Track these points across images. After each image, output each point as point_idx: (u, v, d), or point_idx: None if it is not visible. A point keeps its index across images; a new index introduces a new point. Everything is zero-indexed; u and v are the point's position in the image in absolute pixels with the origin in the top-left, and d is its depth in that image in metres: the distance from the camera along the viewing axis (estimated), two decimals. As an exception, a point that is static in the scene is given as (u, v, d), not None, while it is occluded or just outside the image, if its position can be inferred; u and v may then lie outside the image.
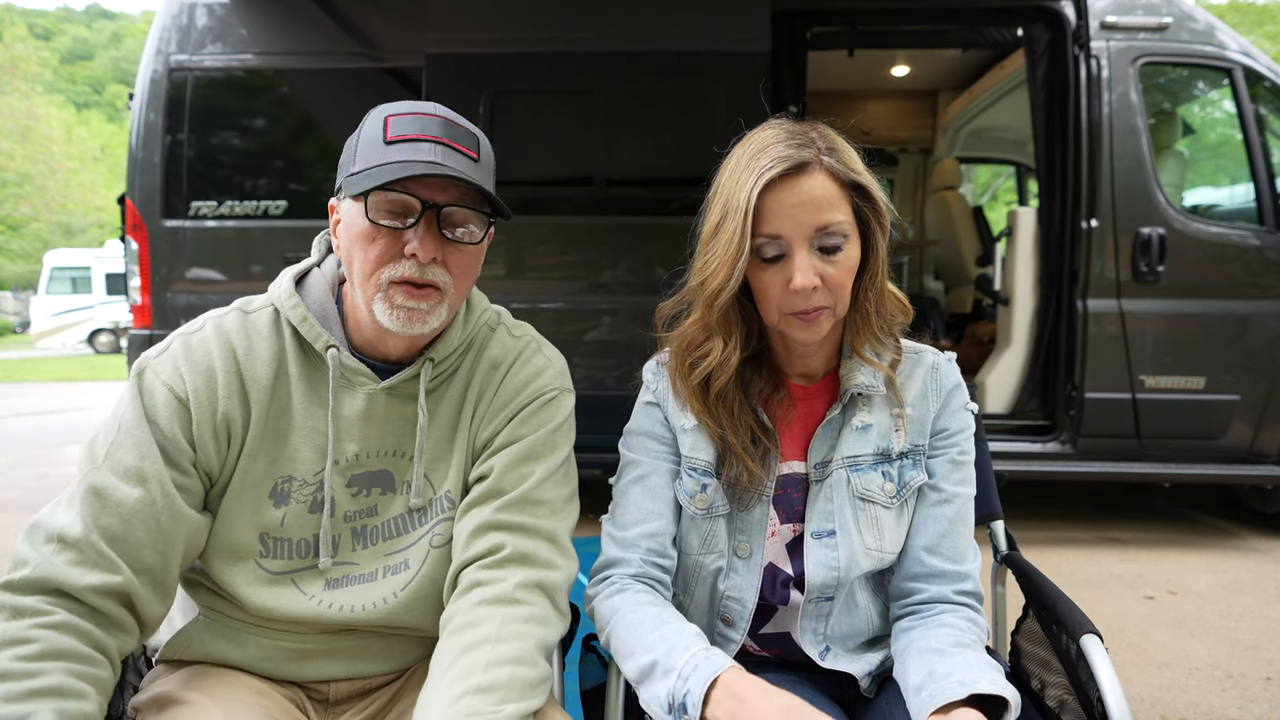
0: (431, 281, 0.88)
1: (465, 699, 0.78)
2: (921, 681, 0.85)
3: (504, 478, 0.93)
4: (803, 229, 0.88)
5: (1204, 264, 3.22)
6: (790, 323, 0.93)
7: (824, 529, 0.98)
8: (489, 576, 0.88)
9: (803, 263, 0.89)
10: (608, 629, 0.94)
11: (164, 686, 0.88)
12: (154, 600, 0.84)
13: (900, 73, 5.17)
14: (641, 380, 1.08)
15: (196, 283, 3.38)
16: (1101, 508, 4.03)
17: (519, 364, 1.00)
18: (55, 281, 18.24)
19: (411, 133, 0.86)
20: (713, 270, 0.92)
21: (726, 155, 0.96)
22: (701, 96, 3.29)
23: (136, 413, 0.85)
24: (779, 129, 0.93)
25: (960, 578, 0.98)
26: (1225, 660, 2.26)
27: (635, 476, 1.03)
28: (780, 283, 0.90)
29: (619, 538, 1.00)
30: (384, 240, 0.87)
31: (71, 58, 45.49)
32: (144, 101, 3.40)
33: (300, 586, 0.91)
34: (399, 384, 0.94)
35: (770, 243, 0.89)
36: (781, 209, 0.88)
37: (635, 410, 1.07)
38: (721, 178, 0.94)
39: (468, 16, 3.35)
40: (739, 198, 0.89)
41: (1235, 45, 3.33)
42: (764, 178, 0.87)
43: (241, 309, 0.95)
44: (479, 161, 0.90)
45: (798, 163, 0.88)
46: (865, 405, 1.00)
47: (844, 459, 0.99)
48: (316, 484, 0.92)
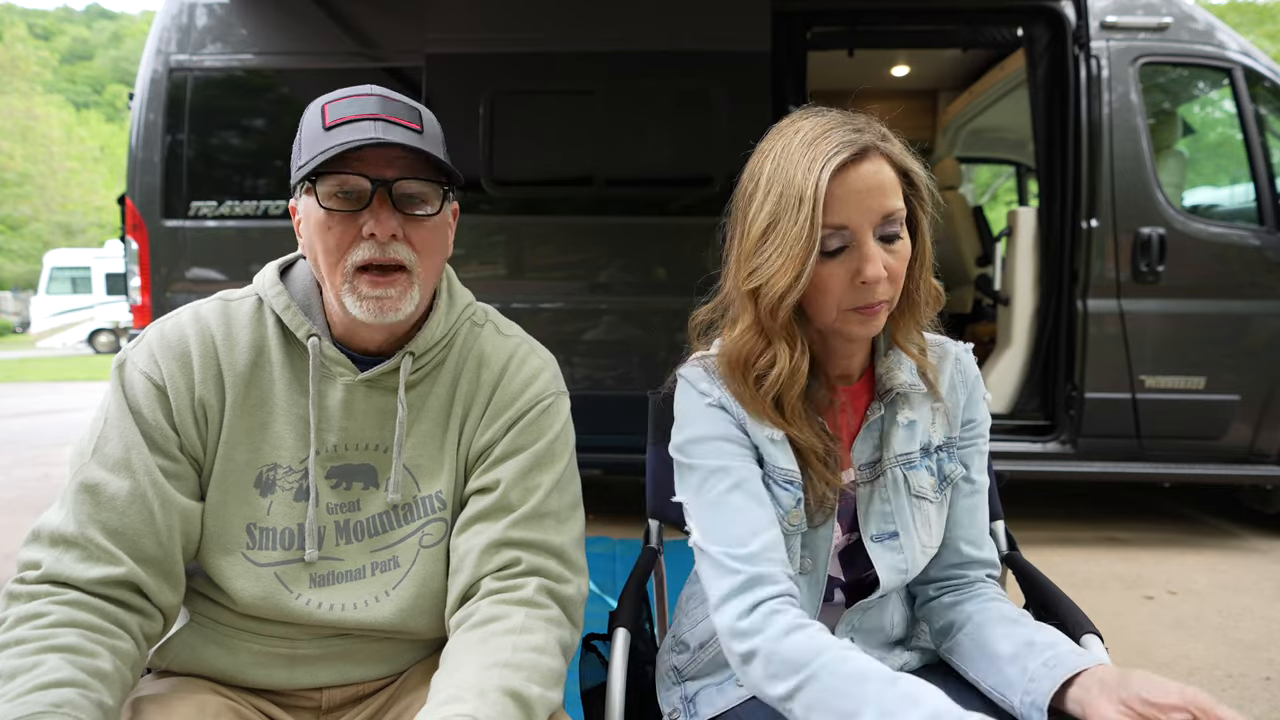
0: (395, 260, 0.87)
1: (496, 670, 0.78)
2: (1018, 650, 0.85)
3: (512, 492, 0.92)
4: (870, 216, 0.83)
5: (1204, 264, 3.22)
6: (849, 319, 0.87)
7: (885, 531, 0.95)
8: (509, 584, 0.88)
9: (872, 252, 0.83)
10: (803, 677, 0.77)
11: (142, 690, 0.88)
12: (165, 589, 0.84)
13: (900, 73, 5.16)
14: (672, 385, 0.99)
15: (196, 283, 3.38)
16: (1101, 508, 4.03)
17: (513, 368, 0.98)
18: (55, 281, 18.24)
19: (349, 115, 0.86)
20: (776, 270, 0.84)
21: (756, 150, 0.91)
22: (701, 96, 3.29)
23: (119, 405, 0.86)
24: (828, 115, 0.88)
25: (990, 563, 1.02)
26: (1225, 660, 2.26)
27: (733, 483, 0.89)
28: (843, 276, 0.85)
29: (743, 554, 0.85)
30: (340, 225, 0.86)
31: (71, 58, 45.48)
32: (144, 101, 3.40)
33: (287, 585, 0.90)
34: (378, 376, 0.93)
35: (835, 234, 0.83)
36: (848, 196, 0.82)
37: (692, 414, 0.94)
38: (763, 170, 0.88)
39: (468, 16, 3.35)
40: (803, 186, 0.81)
41: (1235, 45, 3.33)
42: (831, 163, 0.81)
43: (223, 298, 0.95)
44: (423, 133, 0.89)
45: (862, 147, 0.83)
46: (904, 401, 0.97)
47: (897, 457, 0.95)
48: (302, 471, 0.91)
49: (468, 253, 3.35)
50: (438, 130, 0.92)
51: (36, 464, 5.13)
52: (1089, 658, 0.81)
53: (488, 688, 0.76)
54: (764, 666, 0.79)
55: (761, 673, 0.80)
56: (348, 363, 0.93)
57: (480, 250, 3.40)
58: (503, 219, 3.40)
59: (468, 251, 3.35)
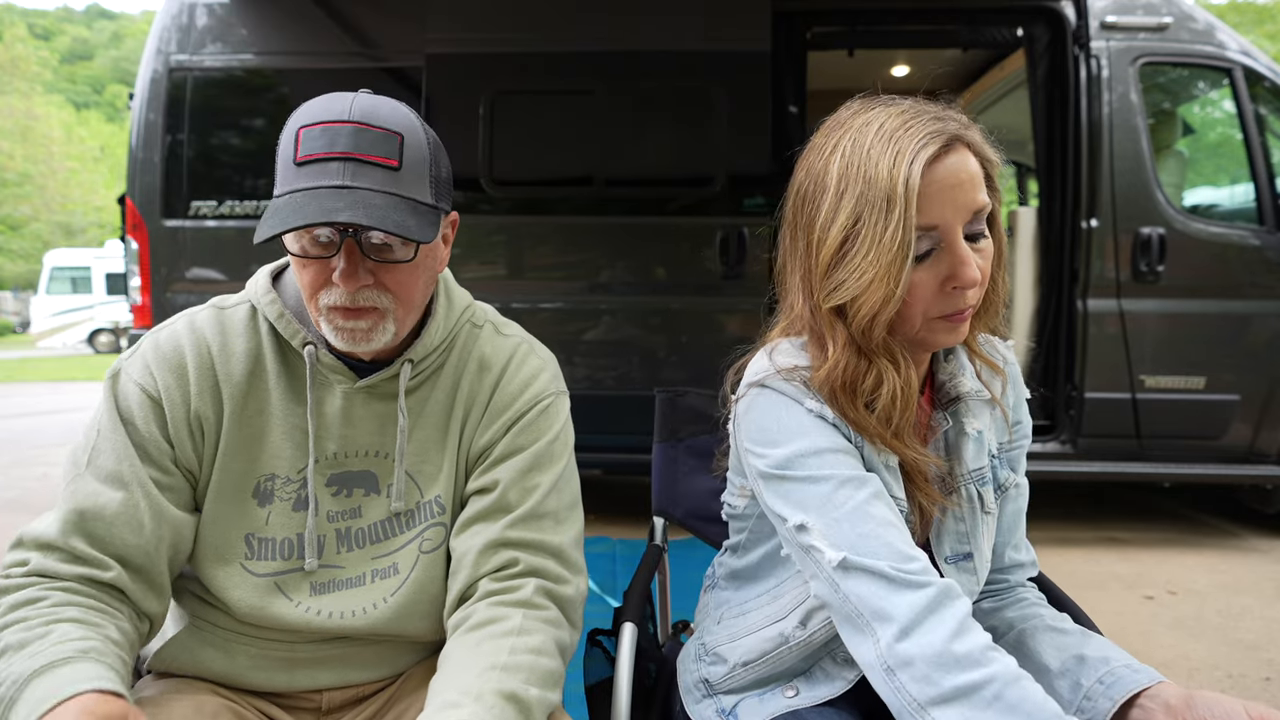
0: (366, 306, 0.84)
1: (493, 673, 0.78)
2: (1067, 665, 0.81)
3: (510, 492, 0.91)
4: (961, 214, 0.75)
5: (1204, 264, 3.22)
6: (936, 328, 0.79)
7: (959, 552, 0.88)
8: (507, 585, 0.88)
9: (966, 254, 0.75)
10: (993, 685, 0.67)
11: (141, 691, 0.88)
12: (150, 598, 0.84)
13: (900, 73, 5.17)
14: (731, 392, 0.90)
15: (196, 283, 3.38)
16: (1101, 508, 4.03)
17: (513, 368, 0.97)
18: (55, 281, 18.23)
19: (319, 150, 0.80)
20: (869, 283, 0.74)
21: (809, 148, 0.83)
22: (701, 96, 3.29)
23: (112, 416, 0.85)
24: (903, 104, 0.79)
25: (1029, 564, 0.99)
26: (1225, 660, 2.26)
27: (873, 493, 0.78)
28: (933, 281, 0.76)
29: (917, 568, 0.73)
30: (313, 268, 0.83)
31: (71, 58, 45.48)
32: (144, 101, 3.40)
33: (287, 593, 0.89)
34: (377, 383, 0.92)
35: (924, 236, 0.75)
36: (939, 192, 0.74)
37: (798, 427, 0.81)
38: (829, 169, 0.78)
39: (468, 16, 3.35)
40: (891, 184, 0.72)
41: (1235, 45, 3.33)
42: (920, 157, 0.72)
43: (217, 305, 0.93)
44: (399, 169, 0.81)
45: (950, 137, 0.75)
46: (968, 410, 0.88)
47: (970, 473, 0.88)
48: (300, 481, 0.90)
49: (468, 253, 3.35)
50: (423, 154, 0.84)
51: (37, 464, 5.13)
52: (1148, 675, 0.76)
53: (485, 691, 0.76)
54: (994, 708, 0.64)
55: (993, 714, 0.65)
56: (345, 370, 0.91)
57: (480, 250, 3.40)
58: (503, 219, 3.40)
59: (468, 251, 3.35)
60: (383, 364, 0.93)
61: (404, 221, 0.80)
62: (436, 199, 0.86)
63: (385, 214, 0.79)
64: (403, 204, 0.81)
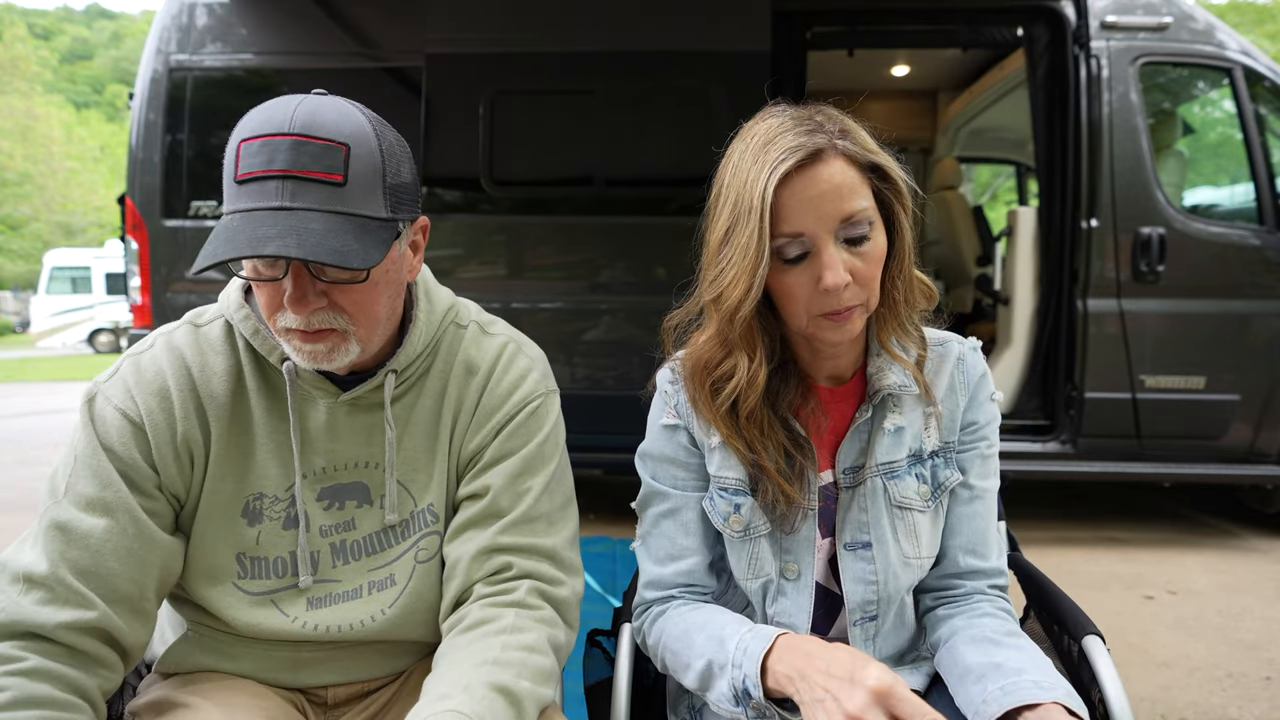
0: (323, 329, 0.80)
1: (484, 667, 0.78)
2: (984, 671, 0.82)
3: (502, 497, 0.90)
4: (826, 222, 0.80)
5: (1204, 264, 3.22)
6: (821, 325, 0.85)
7: (858, 540, 0.92)
8: (500, 588, 0.88)
9: (831, 259, 0.80)
10: (660, 653, 0.92)
11: (161, 691, 0.88)
12: (134, 630, 0.81)
13: (900, 73, 5.16)
14: (653, 389, 1.00)
15: (196, 283, 3.38)
16: (1101, 508, 4.03)
17: (500, 369, 0.95)
18: (55, 281, 18.23)
19: (257, 168, 0.74)
20: (729, 282, 0.82)
21: (724, 152, 0.89)
22: (702, 96, 3.29)
23: (90, 442, 0.81)
24: (783, 116, 0.84)
25: (995, 573, 0.97)
26: (1225, 660, 2.26)
27: (665, 510, 0.96)
28: (807, 283, 0.82)
29: (654, 576, 0.96)
30: (267, 289, 0.79)
31: (71, 58, 45.46)
32: (144, 101, 3.40)
33: (281, 609, 0.88)
34: (362, 395, 0.89)
35: (792, 242, 0.81)
36: (801, 203, 0.80)
37: (652, 430, 0.98)
38: (724, 177, 0.86)
39: (468, 16, 3.35)
40: (751, 197, 0.80)
41: (1235, 45, 3.33)
42: (777, 172, 0.78)
43: (192, 322, 0.90)
44: (344, 184, 0.76)
45: (811, 150, 0.79)
46: (895, 405, 0.93)
47: (879, 466, 0.92)
48: (288, 499, 0.88)
49: (468, 253, 3.34)
50: (374, 164, 0.78)
51: (37, 464, 5.13)
52: (1048, 694, 0.76)
53: (474, 683, 0.76)
54: (648, 651, 0.95)
55: (652, 657, 0.95)
56: (327, 384, 0.89)
57: (480, 250, 3.40)
58: (503, 219, 3.39)
59: (468, 251, 3.34)
60: (365, 374, 0.90)
61: (344, 246, 0.74)
62: (393, 209, 0.81)
63: (322, 240, 0.73)
64: (347, 224, 0.76)
